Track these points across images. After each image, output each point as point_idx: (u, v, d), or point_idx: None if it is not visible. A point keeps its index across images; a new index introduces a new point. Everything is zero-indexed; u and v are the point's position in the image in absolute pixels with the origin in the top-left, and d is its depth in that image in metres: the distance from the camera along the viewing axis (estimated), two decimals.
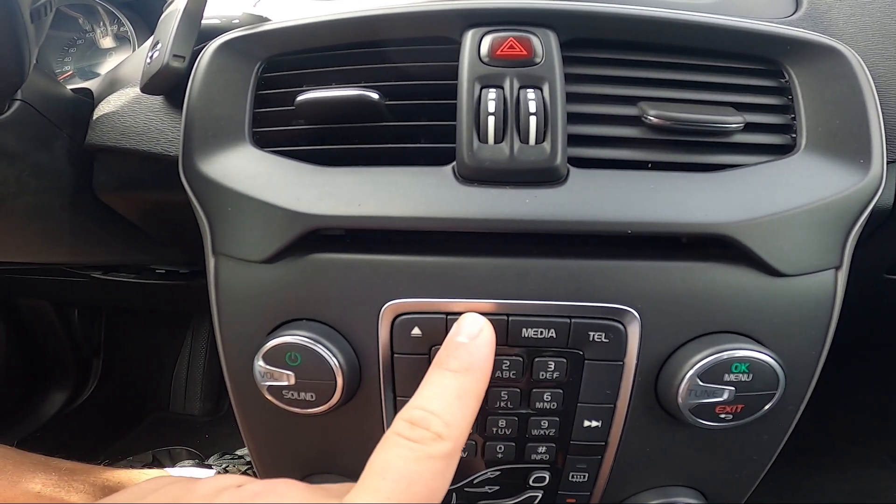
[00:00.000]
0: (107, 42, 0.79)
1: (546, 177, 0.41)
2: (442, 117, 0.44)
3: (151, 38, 0.53)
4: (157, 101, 0.54)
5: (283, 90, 0.47)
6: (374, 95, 0.43)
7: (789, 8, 0.54)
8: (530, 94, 0.41)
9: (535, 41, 0.43)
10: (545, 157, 0.40)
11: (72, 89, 0.62)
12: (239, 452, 1.23)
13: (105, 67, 0.79)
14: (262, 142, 0.47)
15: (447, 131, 0.43)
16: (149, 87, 0.51)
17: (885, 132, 0.44)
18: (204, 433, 1.40)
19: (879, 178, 0.43)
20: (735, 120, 0.43)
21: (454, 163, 0.42)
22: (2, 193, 0.57)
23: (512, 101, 0.41)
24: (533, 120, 0.40)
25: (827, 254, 0.43)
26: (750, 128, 0.44)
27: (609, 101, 0.45)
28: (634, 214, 0.40)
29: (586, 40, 0.45)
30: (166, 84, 0.49)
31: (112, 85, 0.59)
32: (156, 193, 0.58)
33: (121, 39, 0.79)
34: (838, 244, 0.43)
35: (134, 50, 0.69)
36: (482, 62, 0.43)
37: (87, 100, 0.61)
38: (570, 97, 0.43)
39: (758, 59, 0.47)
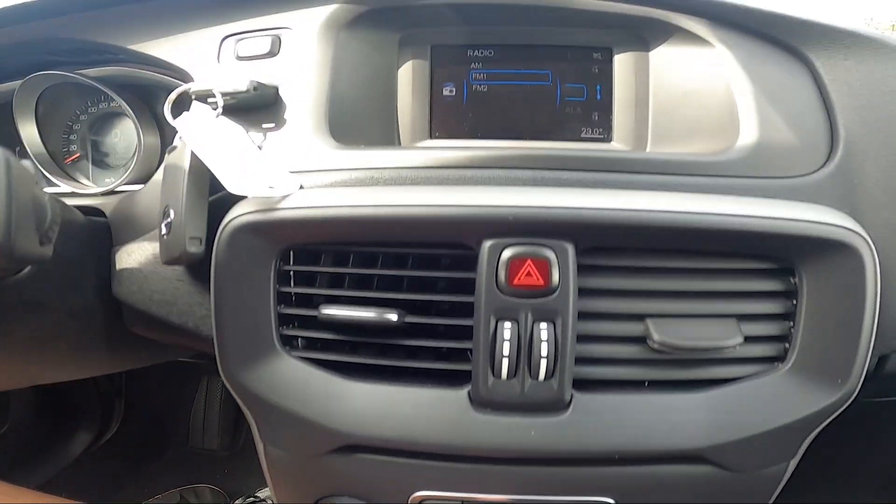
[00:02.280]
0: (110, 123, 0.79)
1: (551, 407, 0.46)
2: (459, 336, 0.47)
3: (161, 203, 0.55)
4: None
5: (304, 290, 0.51)
6: (394, 317, 0.47)
7: (821, 157, 0.52)
8: (543, 331, 0.45)
9: (553, 261, 0.46)
10: (552, 394, 0.45)
11: (82, 208, 0.65)
12: (261, 495, 1.31)
13: (114, 157, 0.79)
14: (289, 342, 0.51)
15: (463, 352, 0.47)
16: (170, 263, 0.54)
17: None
18: (223, 467, 1.47)
19: (851, 394, 0.48)
20: (734, 341, 0.47)
21: (469, 387, 0.46)
22: (41, 339, 0.61)
23: (526, 336, 0.45)
24: (544, 362, 0.44)
25: (785, 453, 0.50)
26: (748, 339, 0.48)
27: (617, 318, 0.48)
28: (626, 443, 0.47)
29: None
30: (187, 262, 0.53)
31: (127, 223, 0.62)
32: (185, 340, 0.62)
33: (121, 116, 0.78)
34: (797, 445, 0.50)
35: (139, 138, 0.69)
36: (499, 291, 0.46)
37: (104, 231, 0.64)
38: (581, 315, 0.47)
39: (771, 258, 0.49)
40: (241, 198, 0.50)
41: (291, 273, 0.51)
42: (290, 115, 0.55)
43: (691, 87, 0.56)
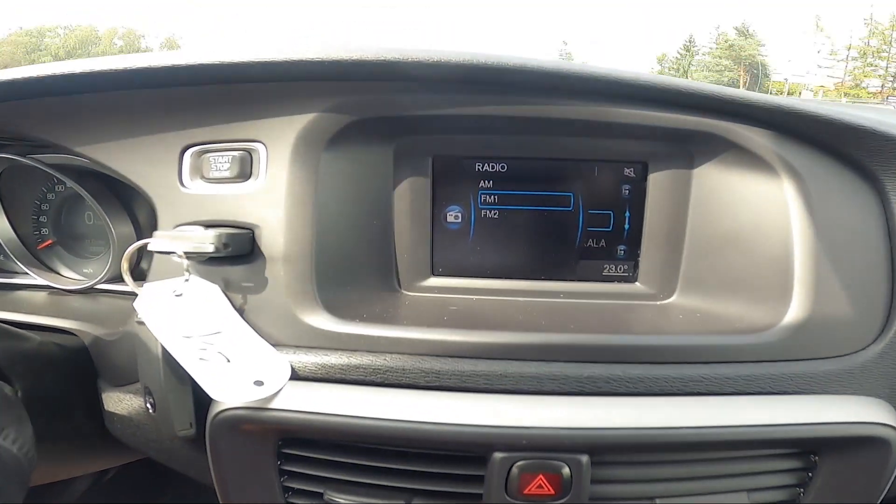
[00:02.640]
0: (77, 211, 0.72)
1: None
2: None
3: (140, 376, 0.50)
4: None
5: (310, 481, 0.46)
6: None
7: (874, 330, 0.47)
8: None
9: (566, 473, 0.42)
10: None
11: (59, 330, 0.59)
12: None
13: (90, 243, 0.72)
14: None
15: None
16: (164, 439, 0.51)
17: None
18: None
19: None
20: None
21: None
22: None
23: None
24: None
25: None
26: None
27: (627, 498, 0.45)
28: None
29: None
30: (182, 440, 0.49)
31: (111, 365, 0.56)
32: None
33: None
34: None
35: (110, 232, 0.62)
36: (508, 497, 0.42)
37: (86, 361, 0.58)
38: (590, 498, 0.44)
39: (794, 455, 0.46)
40: None
41: (292, 454, 0.47)
42: (271, 273, 0.47)
43: (738, 224, 0.48)
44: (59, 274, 0.71)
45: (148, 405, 0.49)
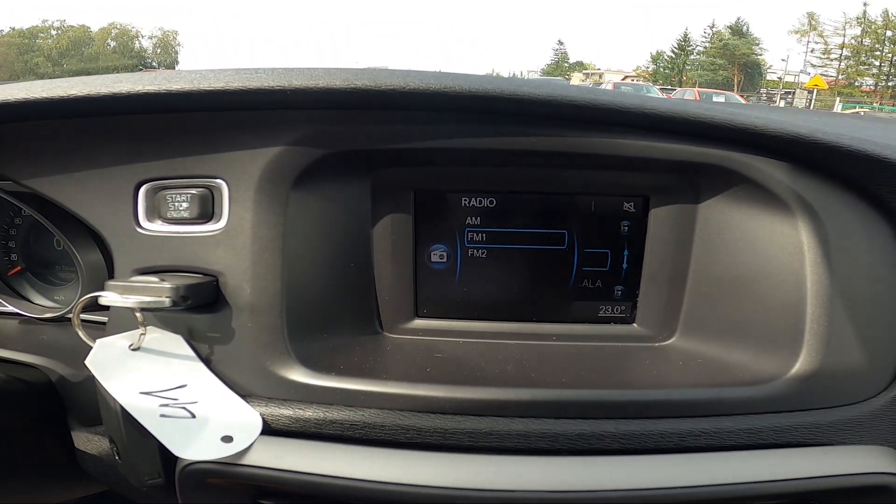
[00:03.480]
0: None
1: None
2: None
3: (105, 425, 0.45)
4: None
5: None
6: None
7: (884, 379, 0.43)
8: None
9: None
10: None
11: (27, 366, 0.56)
12: None
13: (61, 270, 0.68)
14: None
15: None
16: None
17: None
18: None
19: None
20: None
21: None
22: None
23: None
24: None
25: None
26: None
27: None
28: None
29: None
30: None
31: (78, 405, 0.53)
32: None
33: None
34: None
35: (77, 262, 0.58)
36: None
37: (54, 398, 0.55)
38: None
39: None
40: None
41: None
42: (238, 323, 0.43)
43: (746, 266, 0.44)
44: (29, 301, 0.67)
45: (115, 455, 0.45)
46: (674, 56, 39.98)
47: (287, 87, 0.39)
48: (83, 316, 0.61)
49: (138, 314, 0.40)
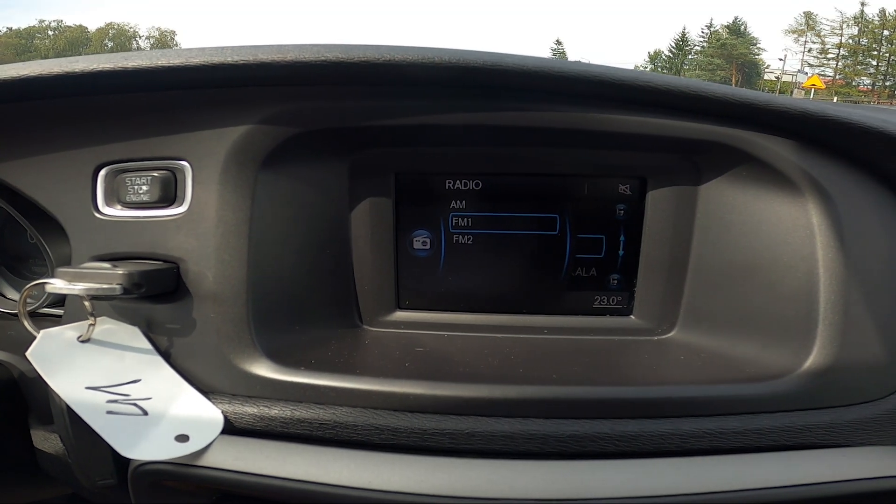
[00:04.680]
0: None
1: None
2: None
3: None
4: None
5: None
6: None
7: (884, 388, 0.41)
8: None
9: None
10: None
11: None
12: None
13: (33, 263, 0.66)
14: None
15: None
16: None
17: None
18: None
19: None
20: None
21: None
22: None
23: None
24: None
25: None
26: None
27: None
28: None
29: None
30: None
31: (36, 401, 0.49)
32: None
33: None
34: None
35: (46, 255, 0.55)
36: None
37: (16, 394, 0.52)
38: None
39: None
40: None
41: None
42: (200, 314, 0.39)
43: (752, 251, 0.41)
44: (2, 296, 0.65)
45: (67, 453, 0.41)
46: (672, 56, 40.05)
47: (252, 61, 0.36)
48: (49, 310, 0.58)
49: (87, 303, 0.37)
